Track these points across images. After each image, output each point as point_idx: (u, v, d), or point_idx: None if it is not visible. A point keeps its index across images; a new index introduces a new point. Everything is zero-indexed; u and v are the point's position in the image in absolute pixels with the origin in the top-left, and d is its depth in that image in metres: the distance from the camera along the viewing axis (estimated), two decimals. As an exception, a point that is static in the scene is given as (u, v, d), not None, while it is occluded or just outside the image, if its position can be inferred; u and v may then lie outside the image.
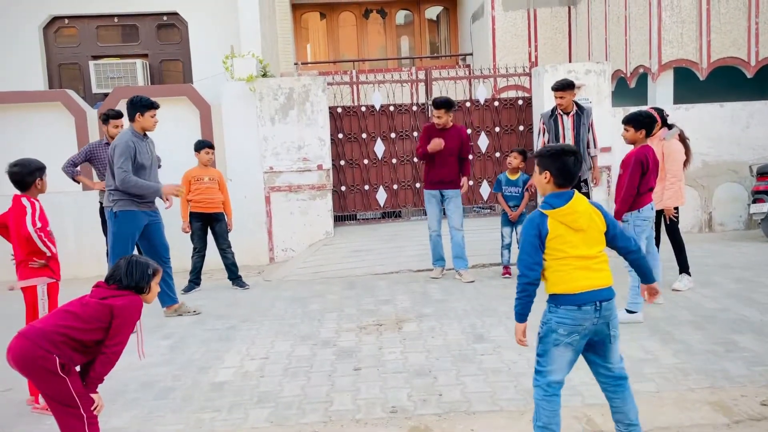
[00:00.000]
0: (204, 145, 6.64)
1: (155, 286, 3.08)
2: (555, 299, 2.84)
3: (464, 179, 6.56)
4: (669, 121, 5.71)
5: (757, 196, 7.73)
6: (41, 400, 3.77)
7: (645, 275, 3.06)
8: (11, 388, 4.13)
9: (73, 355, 2.87)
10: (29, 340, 2.81)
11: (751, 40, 8.90)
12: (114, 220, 5.39)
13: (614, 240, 2.92)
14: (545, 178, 2.88)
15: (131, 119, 5.42)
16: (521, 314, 2.92)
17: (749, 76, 9.03)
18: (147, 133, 5.52)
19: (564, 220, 2.80)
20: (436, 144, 6.26)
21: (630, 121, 4.94)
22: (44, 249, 3.81)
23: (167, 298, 5.65)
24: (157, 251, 5.53)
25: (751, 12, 8.85)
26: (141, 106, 5.37)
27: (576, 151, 2.93)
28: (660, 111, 5.67)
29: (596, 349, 2.89)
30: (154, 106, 5.43)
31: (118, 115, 6.41)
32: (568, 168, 2.85)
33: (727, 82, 9.84)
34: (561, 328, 2.81)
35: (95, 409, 2.94)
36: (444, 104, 6.30)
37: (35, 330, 2.85)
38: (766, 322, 4.69)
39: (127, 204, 5.35)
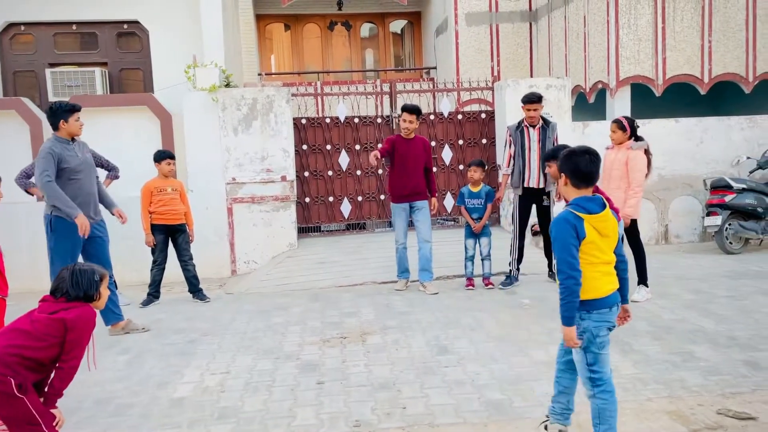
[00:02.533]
0: (165, 156, 6.51)
1: (105, 291, 3.02)
2: (586, 305, 2.89)
3: (434, 200, 6.68)
4: (638, 134, 5.85)
5: (711, 209, 7.96)
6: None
7: (622, 292, 3.10)
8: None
9: (27, 374, 2.77)
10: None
11: (704, 58, 9.20)
12: (51, 232, 5.04)
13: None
14: (563, 181, 2.98)
15: (55, 128, 5.08)
16: (570, 318, 2.84)
17: (702, 92, 9.33)
18: (76, 138, 5.19)
19: (597, 226, 2.88)
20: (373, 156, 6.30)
21: (548, 158, 4.99)
22: None
23: (112, 315, 5.36)
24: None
25: (704, 31, 9.16)
26: (63, 111, 5.02)
27: (589, 150, 2.97)
28: (631, 121, 5.81)
29: None
30: (75, 109, 5.09)
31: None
32: (578, 168, 2.92)
33: (681, 99, 10.16)
34: (601, 330, 2.92)
35: (57, 424, 2.84)
36: (415, 109, 6.41)
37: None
38: (721, 333, 4.82)
39: (61, 211, 5.02)
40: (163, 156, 6.50)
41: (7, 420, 2.78)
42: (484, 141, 8.90)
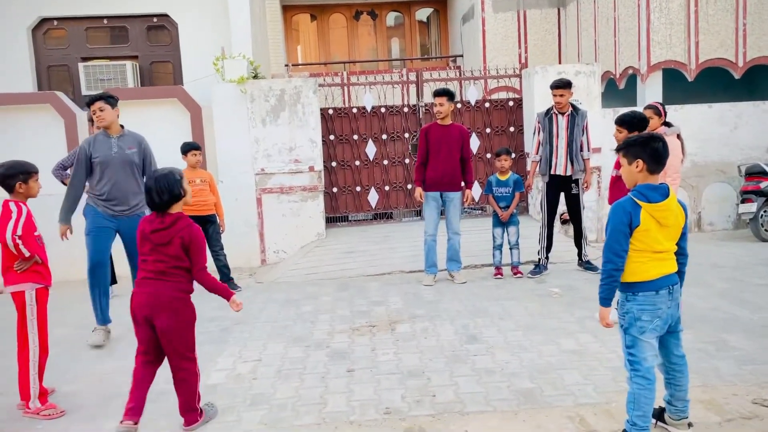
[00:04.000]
0: (190, 148, 6.58)
1: (187, 186, 3.47)
2: (631, 287, 2.96)
3: (468, 192, 6.46)
4: (667, 120, 5.73)
5: (746, 196, 7.80)
6: (31, 404, 3.74)
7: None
8: (1, 393, 4.10)
9: (189, 287, 3.52)
10: (167, 289, 3.40)
11: (738, 42, 8.98)
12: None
13: (680, 237, 3.03)
14: (637, 167, 2.96)
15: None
16: (606, 299, 3.02)
17: (737, 77, 9.11)
18: (121, 127, 5.33)
19: (656, 216, 2.90)
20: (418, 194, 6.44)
21: (624, 123, 4.95)
22: (25, 253, 3.76)
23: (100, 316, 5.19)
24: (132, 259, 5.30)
25: (738, 13, 8.93)
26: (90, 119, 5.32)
27: (661, 137, 2.99)
28: (663, 107, 5.69)
29: (669, 330, 3.04)
30: (87, 105, 5.29)
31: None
32: (659, 153, 2.94)
33: (715, 83, 9.93)
34: (644, 314, 2.94)
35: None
36: (444, 91, 6.26)
37: (171, 287, 3.43)
38: (756, 321, 4.74)
39: (91, 200, 5.25)
40: (188, 147, 6.57)
41: (178, 338, 3.49)
42: (511, 129, 8.83)
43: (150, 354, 3.52)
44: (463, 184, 6.47)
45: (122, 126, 5.35)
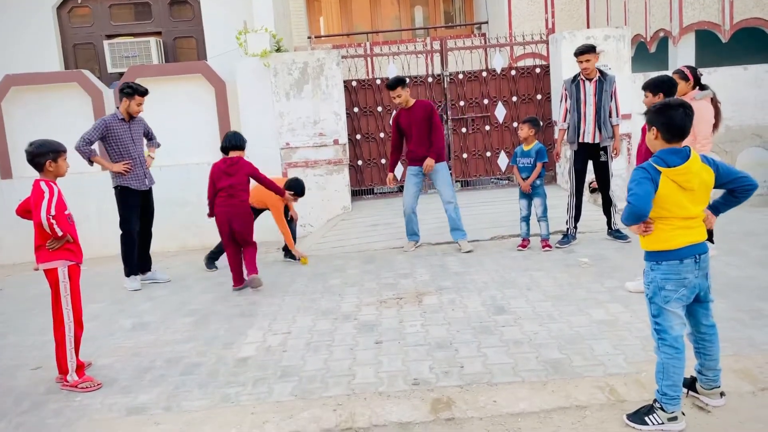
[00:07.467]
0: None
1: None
2: (656, 256, 2.91)
3: (428, 159, 6.46)
4: (702, 83, 5.53)
5: (782, 160, 7.56)
6: (69, 377, 3.85)
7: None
8: (41, 366, 4.23)
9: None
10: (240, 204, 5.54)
11: (776, 0, 8.62)
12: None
13: (733, 183, 2.95)
14: (653, 134, 2.88)
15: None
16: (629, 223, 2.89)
17: (774, 37, 8.77)
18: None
19: (677, 180, 2.81)
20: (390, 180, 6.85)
21: (648, 86, 4.83)
22: (59, 232, 3.83)
23: None
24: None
25: (776, -30, 8.56)
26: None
27: (684, 103, 2.86)
28: (694, 70, 5.50)
29: (698, 300, 2.98)
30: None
31: (146, 93, 6.10)
32: (674, 122, 2.82)
33: (750, 44, 9.56)
34: (668, 284, 2.89)
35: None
36: (393, 84, 6.44)
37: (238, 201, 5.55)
38: (791, 289, 4.63)
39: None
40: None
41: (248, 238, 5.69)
42: (539, 97, 8.66)
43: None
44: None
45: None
